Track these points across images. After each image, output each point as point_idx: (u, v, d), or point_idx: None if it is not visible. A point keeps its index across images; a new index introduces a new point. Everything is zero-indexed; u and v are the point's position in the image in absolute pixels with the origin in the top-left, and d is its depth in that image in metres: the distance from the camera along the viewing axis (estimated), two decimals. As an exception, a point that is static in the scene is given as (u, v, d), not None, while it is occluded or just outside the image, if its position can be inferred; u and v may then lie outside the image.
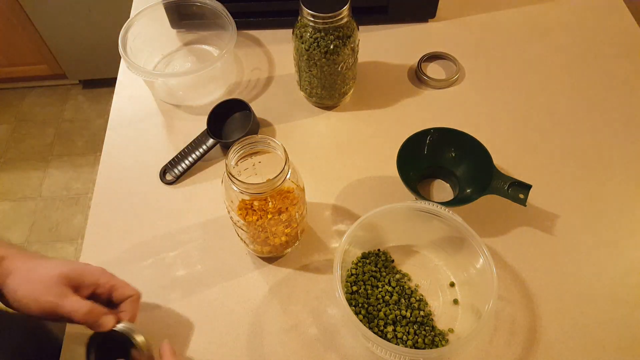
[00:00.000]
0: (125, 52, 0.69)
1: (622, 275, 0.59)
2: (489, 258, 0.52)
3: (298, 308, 0.57)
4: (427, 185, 0.67)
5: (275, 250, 0.59)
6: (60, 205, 1.68)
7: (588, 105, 0.74)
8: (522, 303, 0.57)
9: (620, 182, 0.66)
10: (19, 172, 1.77)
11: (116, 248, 0.62)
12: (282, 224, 0.55)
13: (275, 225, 0.54)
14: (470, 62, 0.79)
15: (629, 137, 0.70)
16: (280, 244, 0.57)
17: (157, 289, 0.59)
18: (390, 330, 0.54)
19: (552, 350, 0.54)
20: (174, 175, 0.68)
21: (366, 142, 0.71)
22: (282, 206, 0.54)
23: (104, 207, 0.66)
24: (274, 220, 0.53)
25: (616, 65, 0.78)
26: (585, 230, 0.62)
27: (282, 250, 0.60)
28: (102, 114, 1.91)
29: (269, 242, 0.57)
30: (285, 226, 0.55)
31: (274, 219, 0.53)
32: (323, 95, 0.71)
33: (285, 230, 0.56)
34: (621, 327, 0.55)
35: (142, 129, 0.73)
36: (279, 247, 0.59)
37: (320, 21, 0.61)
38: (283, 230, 0.56)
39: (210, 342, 0.56)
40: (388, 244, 0.61)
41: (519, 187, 0.59)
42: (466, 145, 0.63)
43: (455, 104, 0.75)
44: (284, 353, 0.55)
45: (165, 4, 0.76)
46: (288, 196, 0.55)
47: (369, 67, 0.79)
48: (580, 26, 0.83)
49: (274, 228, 0.55)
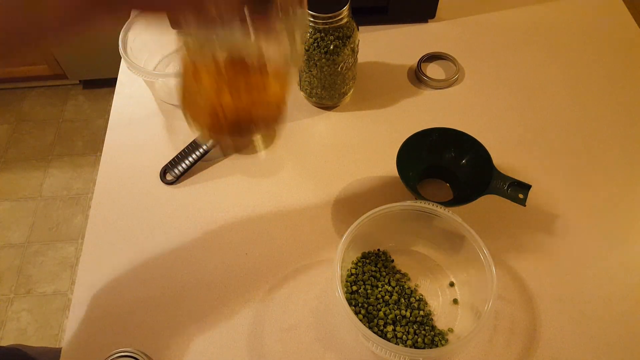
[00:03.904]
0: (126, 52, 0.69)
1: (622, 275, 0.59)
2: (488, 258, 0.52)
3: (298, 308, 0.57)
4: (427, 185, 0.67)
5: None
6: (61, 205, 1.69)
7: (588, 105, 0.74)
8: (522, 303, 0.57)
9: (621, 182, 0.66)
10: (19, 172, 1.77)
11: (116, 248, 0.63)
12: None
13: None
14: (470, 62, 0.79)
15: (629, 137, 0.70)
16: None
17: (157, 288, 0.59)
18: (390, 330, 0.54)
19: (552, 350, 0.54)
20: (174, 175, 0.68)
21: (366, 142, 0.71)
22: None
23: (104, 207, 0.66)
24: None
25: (616, 65, 0.78)
26: (585, 230, 0.62)
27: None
28: (103, 114, 1.91)
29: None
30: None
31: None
32: (323, 96, 0.71)
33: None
34: (621, 326, 0.55)
35: (142, 129, 0.74)
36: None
37: (320, 21, 0.61)
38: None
39: (210, 342, 0.56)
40: (388, 244, 0.61)
41: (519, 187, 0.60)
42: (466, 145, 0.63)
43: (455, 104, 0.75)
44: (283, 353, 0.55)
45: (166, 4, 0.76)
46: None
47: (369, 67, 0.79)
48: (580, 26, 0.83)
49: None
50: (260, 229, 0.63)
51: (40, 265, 1.56)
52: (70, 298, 1.49)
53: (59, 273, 1.54)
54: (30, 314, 1.47)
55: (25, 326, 1.45)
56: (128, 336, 0.56)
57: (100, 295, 0.59)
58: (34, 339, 1.43)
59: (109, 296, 0.59)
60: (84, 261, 0.62)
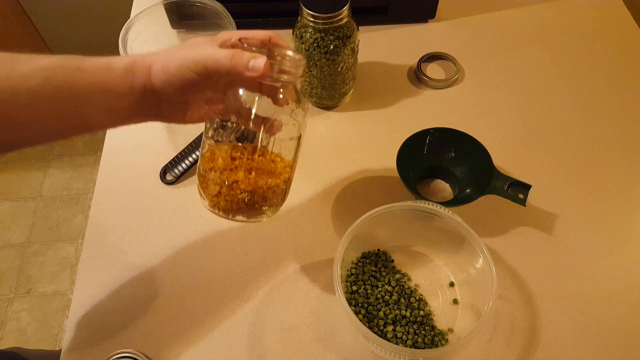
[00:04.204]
0: (126, 52, 0.69)
1: (622, 275, 0.59)
2: (488, 258, 0.52)
3: (298, 308, 0.57)
4: (427, 185, 0.67)
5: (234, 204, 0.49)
6: (61, 205, 1.69)
7: (588, 105, 0.74)
8: (522, 303, 0.57)
9: (620, 182, 0.66)
10: (19, 172, 1.77)
11: (116, 248, 0.63)
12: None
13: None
14: (470, 62, 0.79)
15: (629, 137, 0.70)
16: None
17: (156, 288, 0.59)
18: (390, 330, 0.54)
19: (552, 350, 0.54)
20: (174, 175, 0.68)
21: (366, 142, 0.71)
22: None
23: (104, 207, 0.66)
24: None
25: (616, 65, 0.78)
26: (585, 230, 0.62)
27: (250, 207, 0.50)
28: (102, 114, 1.90)
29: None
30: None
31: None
32: (323, 96, 0.71)
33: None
34: (621, 327, 0.55)
35: (142, 129, 0.73)
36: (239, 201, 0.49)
37: (321, 22, 0.61)
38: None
39: (210, 342, 0.56)
40: (388, 244, 0.61)
41: (519, 187, 0.60)
42: (466, 145, 0.63)
43: (455, 104, 0.75)
44: (283, 353, 0.55)
45: (166, 4, 0.76)
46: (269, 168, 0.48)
47: (369, 67, 0.79)
48: (580, 26, 0.83)
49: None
50: (260, 229, 0.63)
51: (40, 265, 1.56)
52: (70, 298, 1.49)
53: (59, 273, 1.54)
54: (30, 314, 1.47)
55: (25, 326, 1.45)
56: (128, 336, 0.56)
57: (100, 295, 0.59)
58: (33, 339, 1.43)
59: (109, 296, 0.59)
60: (84, 261, 0.62)
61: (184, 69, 0.43)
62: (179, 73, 0.43)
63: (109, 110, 0.45)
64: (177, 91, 0.44)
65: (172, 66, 0.43)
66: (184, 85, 0.44)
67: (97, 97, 0.43)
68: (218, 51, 0.43)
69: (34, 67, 0.41)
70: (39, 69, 0.41)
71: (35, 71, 0.40)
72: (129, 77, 0.44)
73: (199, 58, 0.43)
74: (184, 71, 0.43)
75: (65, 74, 0.42)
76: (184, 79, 0.43)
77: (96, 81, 0.43)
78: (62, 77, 0.41)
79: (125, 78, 0.44)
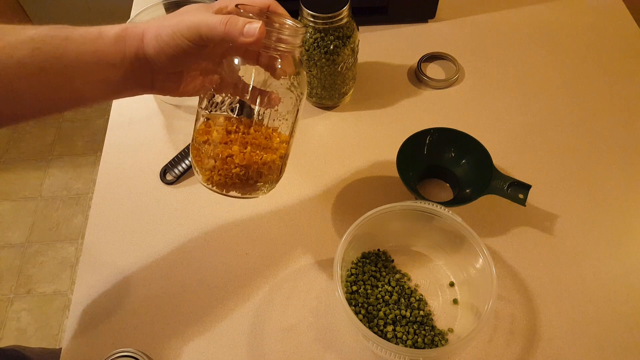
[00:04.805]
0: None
1: (622, 275, 0.59)
2: (488, 258, 0.52)
3: (298, 308, 0.57)
4: (427, 185, 0.67)
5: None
6: (61, 205, 1.69)
7: (588, 105, 0.74)
8: (522, 303, 0.57)
9: (620, 182, 0.66)
10: (19, 172, 1.77)
11: (116, 248, 0.63)
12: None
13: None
14: (470, 62, 0.79)
15: (629, 137, 0.70)
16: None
17: (156, 289, 0.59)
18: (390, 330, 0.54)
19: (552, 350, 0.54)
20: (174, 175, 0.68)
21: (366, 142, 0.71)
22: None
23: (104, 207, 0.66)
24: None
25: (616, 65, 0.78)
26: (585, 230, 0.62)
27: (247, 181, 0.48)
28: (103, 114, 1.91)
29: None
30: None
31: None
32: (323, 96, 0.71)
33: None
34: (621, 326, 0.55)
35: (142, 129, 0.74)
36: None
37: (320, 22, 0.61)
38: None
39: (210, 342, 0.56)
40: (388, 244, 0.61)
41: (519, 187, 0.60)
42: (466, 145, 0.63)
43: (455, 104, 0.75)
44: (283, 353, 0.55)
45: (165, 4, 0.76)
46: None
47: (369, 67, 0.79)
48: (580, 26, 0.83)
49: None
50: (260, 229, 0.63)
51: (40, 265, 1.56)
52: (70, 298, 1.49)
53: (59, 273, 1.54)
54: (30, 314, 1.47)
55: (25, 326, 1.45)
56: (128, 336, 0.56)
57: (100, 295, 0.59)
58: (34, 339, 1.43)
59: (109, 296, 0.59)
60: (84, 261, 0.62)
61: (177, 36, 0.41)
62: (173, 41, 0.41)
63: (100, 82, 0.43)
64: (170, 60, 0.43)
65: (165, 33, 0.42)
66: (177, 53, 0.42)
67: (87, 67, 0.41)
68: (212, 17, 0.41)
69: (22, 38, 0.39)
70: (26, 39, 0.39)
71: (23, 42, 0.39)
72: (120, 46, 0.42)
73: (192, 24, 0.41)
74: (177, 38, 0.41)
75: (54, 44, 0.40)
76: (178, 47, 0.42)
77: (86, 51, 0.41)
78: (51, 47, 0.40)
79: (117, 47, 0.42)
